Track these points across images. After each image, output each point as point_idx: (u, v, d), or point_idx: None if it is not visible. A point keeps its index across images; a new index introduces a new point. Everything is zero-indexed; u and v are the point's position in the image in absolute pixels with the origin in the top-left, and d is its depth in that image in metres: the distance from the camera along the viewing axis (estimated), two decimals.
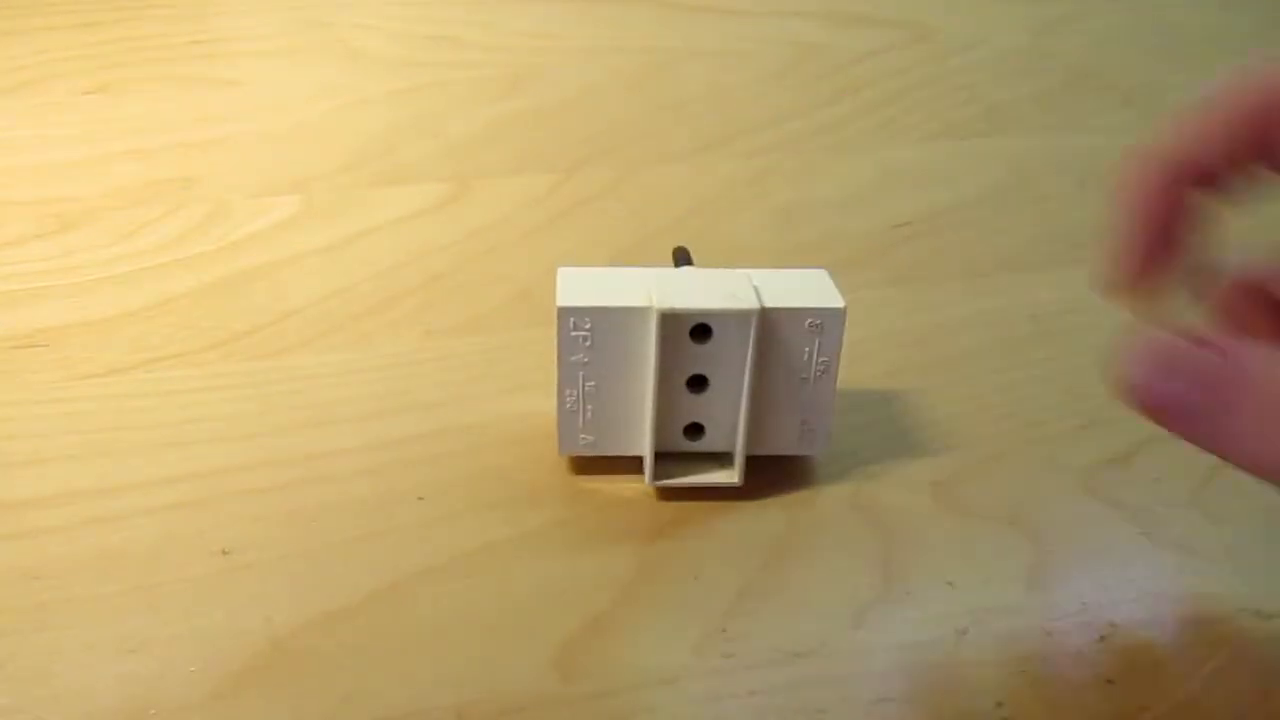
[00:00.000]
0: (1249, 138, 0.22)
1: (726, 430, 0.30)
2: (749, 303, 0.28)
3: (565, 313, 0.28)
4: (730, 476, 0.30)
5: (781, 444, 0.30)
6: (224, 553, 0.29)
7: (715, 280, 0.29)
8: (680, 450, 0.30)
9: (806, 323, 0.29)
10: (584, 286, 0.29)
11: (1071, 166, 0.45)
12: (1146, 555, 0.29)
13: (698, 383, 0.29)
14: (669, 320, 0.28)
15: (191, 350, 0.36)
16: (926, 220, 0.42)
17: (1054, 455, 0.32)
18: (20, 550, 0.29)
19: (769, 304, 0.28)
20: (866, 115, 0.49)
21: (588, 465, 0.31)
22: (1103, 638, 0.27)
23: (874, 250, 0.40)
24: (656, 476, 0.30)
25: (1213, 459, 0.32)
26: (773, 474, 0.31)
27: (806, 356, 0.29)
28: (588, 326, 0.28)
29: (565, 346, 0.28)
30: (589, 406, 0.29)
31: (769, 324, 0.28)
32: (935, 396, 0.34)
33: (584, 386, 0.29)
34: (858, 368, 0.34)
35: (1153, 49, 0.54)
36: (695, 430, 0.30)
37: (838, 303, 0.29)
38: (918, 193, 0.44)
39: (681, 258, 0.35)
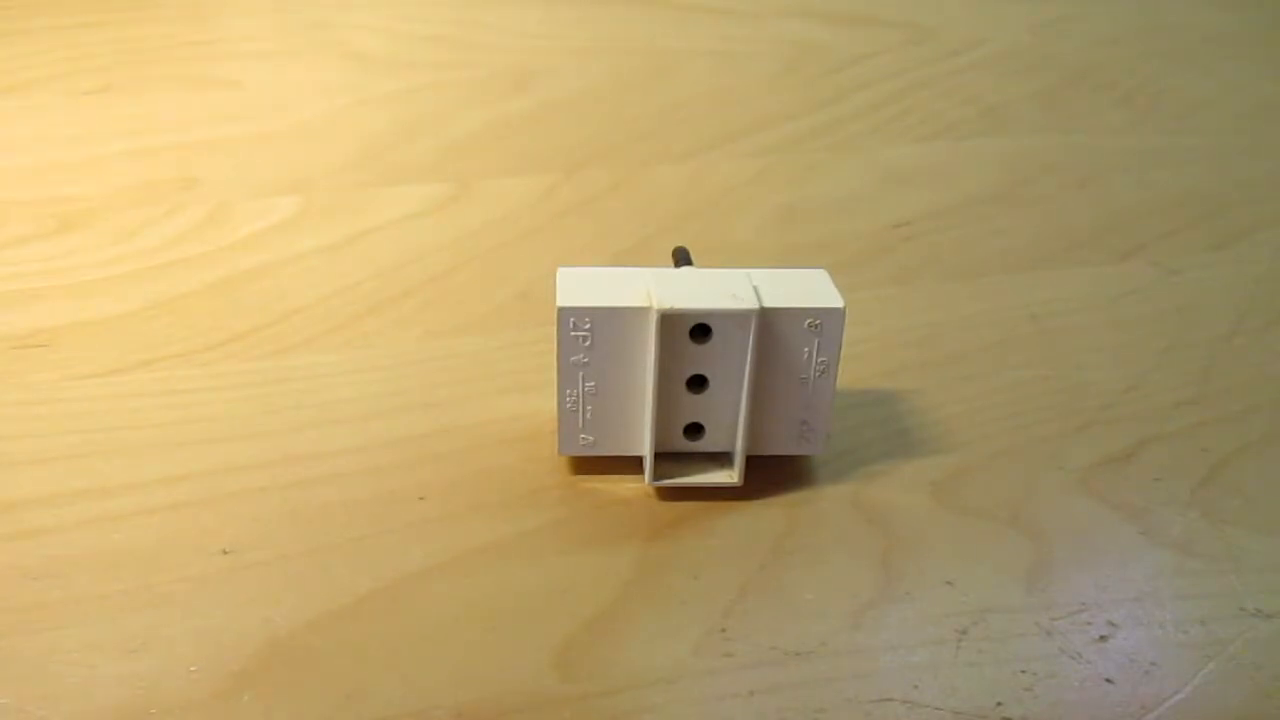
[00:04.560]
0: None
1: (726, 430, 0.30)
2: (749, 303, 0.28)
3: (565, 313, 0.28)
4: (730, 476, 0.30)
5: (781, 444, 0.30)
6: (224, 553, 0.29)
7: (715, 280, 0.29)
8: (680, 450, 0.30)
9: (806, 323, 0.29)
10: (584, 286, 0.29)
11: (1071, 166, 0.45)
12: (1146, 555, 0.29)
13: (697, 383, 0.29)
14: (668, 320, 0.28)
15: (191, 350, 0.36)
16: (926, 220, 0.42)
17: (1054, 455, 0.32)
18: (20, 550, 0.29)
19: (768, 304, 0.28)
20: (866, 115, 0.49)
21: (587, 465, 0.31)
22: (1103, 638, 0.27)
23: (874, 250, 0.40)
24: (656, 476, 0.30)
25: (1212, 459, 0.32)
26: (773, 474, 0.31)
27: (806, 356, 0.29)
28: (587, 326, 0.28)
29: (565, 346, 0.28)
30: (589, 407, 0.29)
31: (768, 324, 0.28)
32: (935, 396, 0.34)
33: (584, 386, 0.29)
34: (858, 368, 0.34)
35: (1153, 49, 0.54)
36: (695, 430, 0.30)
37: (837, 302, 0.29)
38: (918, 193, 0.44)
39: (681, 258, 0.35)
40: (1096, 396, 0.34)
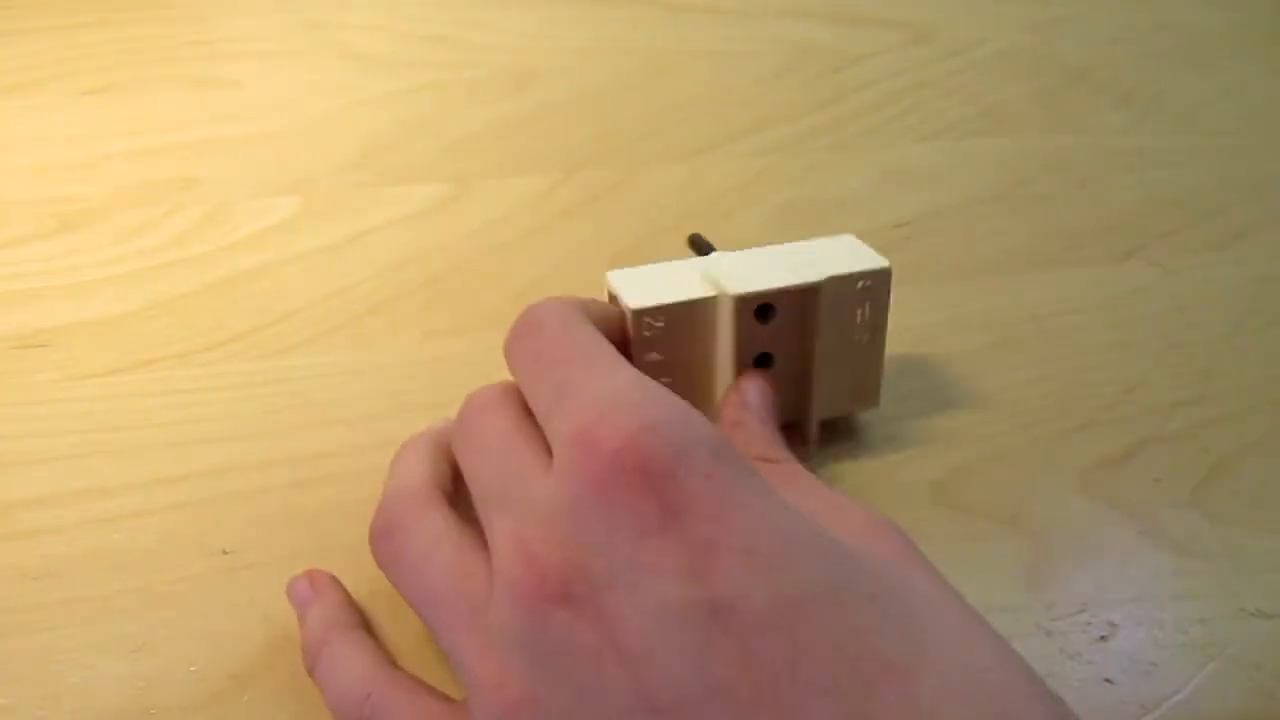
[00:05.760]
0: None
1: (791, 404, 0.30)
2: (814, 275, 0.29)
3: (639, 315, 0.28)
4: (804, 443, 0.31)
5: (841, 405, 0.31)
6: (224, 553, 0.29)
7: (766, 259, 0.30)
8: None
9: (859, 285, 0.29)
10: (645, 286, 0.29)
11: (1071, 166, 0.45)
12: (1146, 555, 0.29)
13: (762, 361, 0.30)
14: (743, 304, 0.28)
15: (191, 350, 0.36)
16: (926, 220, 0.42)
17: (1054, 455, 0.32)
18: (20, 550, 0.29)
19: (828, 273, 0.29)
20: (866, 115, 0.49)
21: None
22: (1103, 638, 0.27)
23: (874, 250, 0.40)
24: None
25: (1212, 459, 0.32)
26: None
27: (859, 319, 0.30)
28: (660, 324, 0.28)
29: (639, 347, 0.28)
30: None
31: (828, 292, 0.29)
32: (935, 396, 0.34)
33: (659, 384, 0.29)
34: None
35: (1153, 49, 0.54)
36: None
37: (882, 262, 0.30)
38: (918, 193, 0.44)
39: (703, 245, 0.35)
40: (1096, 396, 0.34)
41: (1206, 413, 0.34)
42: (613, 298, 0.29)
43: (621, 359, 0.24)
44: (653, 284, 0.29)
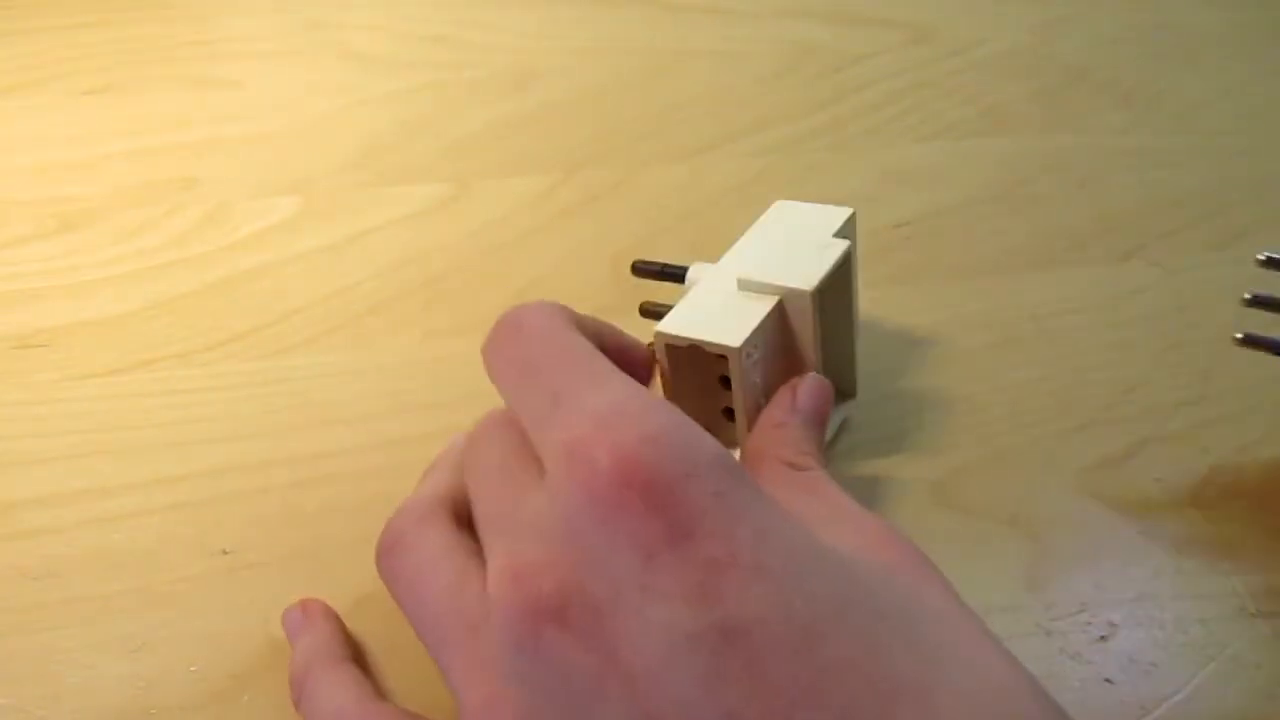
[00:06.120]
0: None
1: (839, 368, 0.31)
2: (838, 244, 0.30)
3: (741, 351, 0.27)
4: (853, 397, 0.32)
5: None
6: (224, 553, 0.29)
7: (765, 251, 0.31)
8: None
9: (849, 233, 0.31)
10: (711, 321, 0.28)
11: (1071, 166, 0.45)
12: (1146, 555, 0.29)
13: None
14: (815, 296, 0.28)
15: (191, 350, 0.36)
16: (926, 220, 0.42)
17: (1054, 455, 0.32)
18: (20, 550, 0.29)
19: (839, 236, 0.30)
20: (866, 115, 0.49)
21: None
22: (1103, 638, 0.27)
23: (874, 250, 0.40)
24: None
25: (1212, 459, 0.32)
26: None
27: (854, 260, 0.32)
28: (757, 349, 0.28)
29: (744, 375, 0.28)
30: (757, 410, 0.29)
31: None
32: (935, 396, 0.34)
33: (759, 401, 0.29)
34: (858, 367, 0.34)
35: (1153, 49, 0.54)
36: None
37: (847, 210, 0.32)
38: (918, 193, 0.44)
39: (653, 269, 0.35)
40: (1096, 396, 0.34)
41: (1206, 413, 0.34)
42: (678, 350, 0.28)
43: (615, 368, 0.23)
44: (713, 316, 0.28)
